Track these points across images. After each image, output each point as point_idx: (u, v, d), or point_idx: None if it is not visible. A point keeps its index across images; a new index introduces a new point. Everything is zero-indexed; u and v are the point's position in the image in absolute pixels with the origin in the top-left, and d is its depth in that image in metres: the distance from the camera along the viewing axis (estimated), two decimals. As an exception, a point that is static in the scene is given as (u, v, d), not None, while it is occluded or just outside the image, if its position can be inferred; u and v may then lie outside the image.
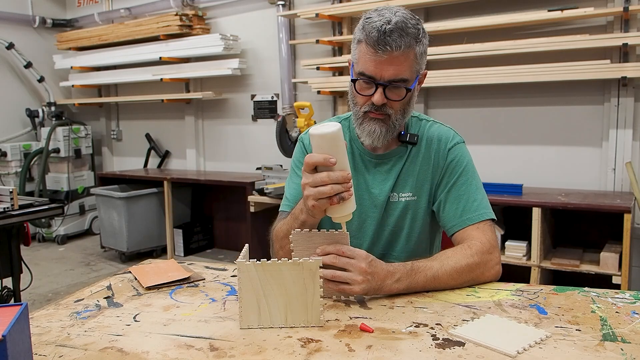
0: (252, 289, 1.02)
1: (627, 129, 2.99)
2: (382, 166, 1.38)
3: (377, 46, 1.18)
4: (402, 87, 1.23)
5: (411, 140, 1.36)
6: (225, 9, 4.57)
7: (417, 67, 1.25)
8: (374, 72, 1.22)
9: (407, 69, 1.22)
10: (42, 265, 4.37)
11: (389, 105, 1.25)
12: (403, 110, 1.29)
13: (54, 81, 5.53)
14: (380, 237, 1.41)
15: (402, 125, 1.33)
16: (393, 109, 1.26)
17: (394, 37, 1.18)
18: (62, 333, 1.02)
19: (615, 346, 0.90)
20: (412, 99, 1.30)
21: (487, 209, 1.33)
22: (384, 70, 1.21)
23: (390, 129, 1.29)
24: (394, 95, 1.24)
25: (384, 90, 1.23)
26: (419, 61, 1.25)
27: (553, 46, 2.94)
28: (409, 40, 1.19)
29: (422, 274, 1.16)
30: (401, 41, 1.18)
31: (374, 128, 1.28)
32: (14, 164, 5.06)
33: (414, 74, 1.25)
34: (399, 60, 1.20)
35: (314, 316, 1.01)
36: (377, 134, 1.28)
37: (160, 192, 4.53)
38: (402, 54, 1.19)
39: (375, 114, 1.27)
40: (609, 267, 2.64)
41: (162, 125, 5.22)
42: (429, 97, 3.61)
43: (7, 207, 2.34)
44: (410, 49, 1.20)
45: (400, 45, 1.18)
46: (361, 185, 1.39)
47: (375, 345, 0.93)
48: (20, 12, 5.32)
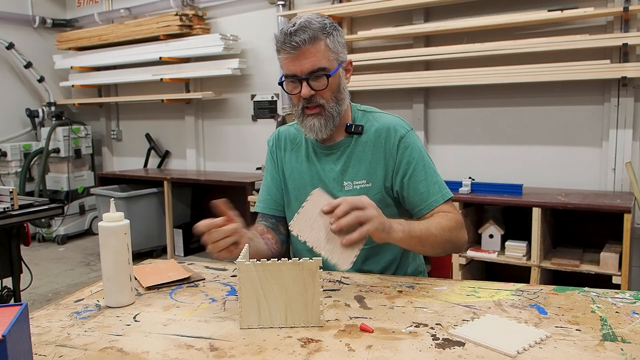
0: (252, 289, 1.02)
1: (627, 129, 2.99)
2: (331, 156, 1.47)
3: (286, 45, 1.31)
4: (323, 75, 1.33)
5: (356, 130, 1.45)
6: (225, 9, 4.57)
7: (335, 56, 1.36)
8: (293, 70, 1.33)
9: (321, 59, 1.33)
10: (42, 265, 4.36)
11: (318, 95, 1.35)
12: (335, 98, 1.38)
13: (54, 81, 5.53)
14: None
15: (340, 113, 1.41)
16: (324, 98, 1.36)
17: (298, 34, 1.30)
18: (62, 333, 1.02)
19: (615, 346, 0.90)
20: (340, 85, 1.39)
21: (446, 189, 1.43)
22: (301, 65, 1.32)
23: (328, 118, 1.38)
24: (318, 84, 1.34)
25: (308, 83, 1.33)
26: (334, 50, 1.35)
27: (553, 46, 2.94)
28: (314, 33, 1.31)
29: (417, 224, 1.26)
30: (305, 35, 1.30)
31: (313, 122, 1.38)
32: (14, 164, 5.06)
33: (333, 62, 1.35)
34: (310, 52, 1.31)
35: (314, 316, 1.01)
36: (316, 127, 1.38)
37: (160, 192, 4.53)
38: (311, 46, 1.31)
39: (310, 109, 1.37)
40: (609, 267, 2.64)
41: (162, 125, 5.22)
42: (429, 97, 3.61)
43: (7, 207, 2.34)
44: (317, 40, 1.32)
45: (304, 39, 1.30)
46: (314, 175, 1.48)
47: (375, 345, 0.93)
48: (20, 12, 5.32)
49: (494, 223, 2.95)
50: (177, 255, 4.56)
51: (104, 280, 1.16)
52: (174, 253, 4.58)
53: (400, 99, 3.68)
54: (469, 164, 3.45)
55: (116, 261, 1.14)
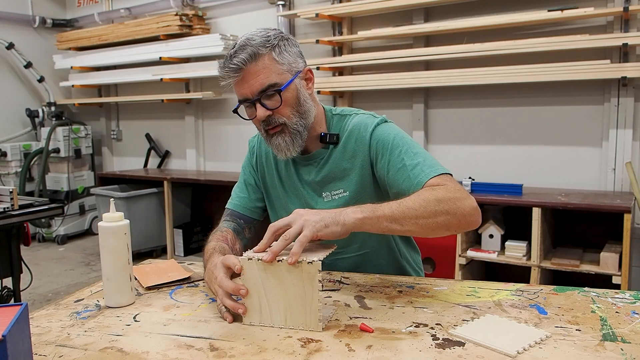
0: (254, 287, 1.03)
1: (627, 129, 2.99)
2: (309, 167, 1.39)
3: (226, 70, 1.23)
4: (275, 92, 1.24)
5: (331, 140, 1.36)
6: (225, 9, 4.57)
7: (286, 68, 1.26)
8: (243, 94, 1.25)
9: (269, 74, 1.23)
10: (42, 265, 4.36)
11: (276, 114, 1.26)
12: (297, 112, 1.28)
13: (54, 81, 5.53)
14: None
15: (307, 126, 1.31)
16: (283, 115, 1.27)
17: (237, 54, 1.22)
18: (62, 333, 1.02)
19: (615, 346, 0.90)
20: (299, 98, 1.28)
21: (436, 166, 1.23)
22: (248, 86, 1.23)
23: (295, 135, 1.28)
24: (271, 103, 1.25)
25: (262, 103, 1.25)
26: (283, 62, 1.25)
27: (553, 46, 2.94)
28: (254, 49, 1.22)
29: (386, 204, 1.10)
30: (244, 54, 1.21)
31: (278, 142, 1.29)
32: (14, 164, 5.06)
33: (284, 74, 1.25)
34: (254, 71, 1.22)
35: (312, 320, 1.00)
36: (282, 146, 1.29)
37: (160, 192, 4.53)
38: (254, 64, 1.22)
39: (272, 129, 1.28)
40: (609, 267, 2.64)
41: (162, 125, 5.22)
42: (429, 97, 3.61)
43: (7, 207, 2.34)
44: (259, 57, 1.22)
45: (244, 59, 1.21)
46: (294, 185, 1.41)
47: (375, 345, 0.93)
48: (20, 12, 5.32)
49: (494, 223, 2.95)
50: (177, 255, 4.56)
51: (104, 280, 1.16)
52: (174, 253, 4.58)
53: (400, 99, 3.68)
54: (469, 164, 3.45)
55: (116, 261, 1.14)
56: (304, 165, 1.40)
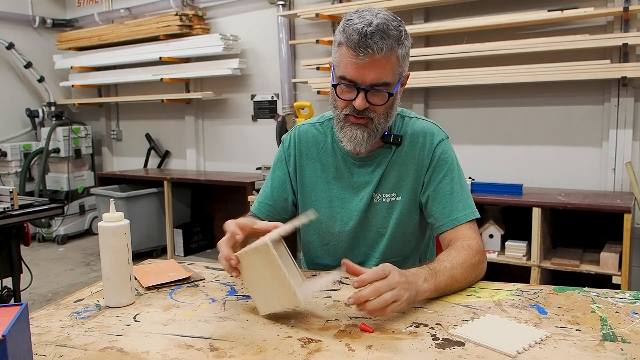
0: (247, 279, 1.09)
1: (627, 129, 2.99)
2: (365, 167, 1.36)
3: (358, 49, 1.15)
4: (384, 92, 1.21)
5: (395, 141, 1.33)
6: (225, 9, 4.57)
7: (400, 70, 1.23)
8: (355, 76, 1.19)
9: (389, 73, 1.20)
10: (42, 265, 4.36)
11: (371, 109, 1.23)
12: (386, 114, 1.26)
13: (54, 81, 5.53)
14: (363, 238, 1.39)
15: (385, 129, 1.30)
16: (375, 112, 1.24)
17: (375, 40, 1.14)
18: (62, 333, 1.02)
19: (615, 346, 0.90)
20: (394, 102, 1.28)
21: (473, 208, 1.32)
22: (366, 74, 1.18)
23: (373, 133, 1.26)
24: (376, 99, 1.22)
25: (366, 95, 1.20)
26: (402, 64, 1.23)
27: (553, 46, 2.94)
28: (391, 43, 1.16)
29: (441, 273, 1.12)
30: (383, 44, 1.15)
31: (355, 134, 1.25)
32: (14, 164, 5.06)
33: (397, 77, 1.23)
34: (380, 63, 1.17)
35: (290, 298, 1.00)
36: (358, 139, 1.25)
37: (160, 192, 4.53)
38: (384, 57, 1.17)
39: (357, 119, 1.24)
40: (609, 267, 2.64)
41: (162, 125, 5.22)
42: (429, 97, 3.61)
43: (7, 207, 2.34)
44: (392, 52, 1.18)
45: (382, 48, 1.15)
46: (344, 187, 1.38)
47: (375, 345, 0.93)
48: (20, 12, 5.32)
49: (494, 223, 2.95)
50: (177, 255, 4.56)
51: (104, 280, 1.16)
52: (174, 253, 4.58)
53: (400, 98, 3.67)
54: (469, 164, 3.43)
55: (116, 261, 1.14)
56: (359, 167, 1.36)
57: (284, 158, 1.45)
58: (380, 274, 1.00)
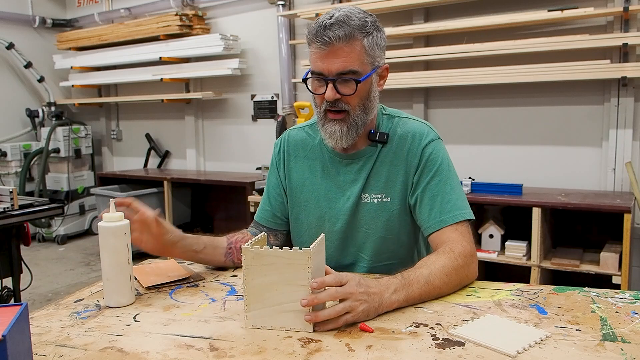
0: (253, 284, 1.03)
1: (627, 129, 2.99)
2: (352, 166, 1.36)
3: (317, 38, 1.18)
4: (352, 80, 1.21)
5: (381, 139, 1.33)
6: (225, 9, 4.57)
7: (370, 60, 1.23)
8: (321, 68, 1.21)
9: (354, 61, 1.20)
10: (42, 265, 4.36)
11: (344, 100, 1.23)
12: (363, 106, 1.26)
13: (54, 81, 5.53)
14: (352, 239, 1.38)
15: (365, 122, 1.29)
16: (350, 104, 1.24)
17: (333, 29, 1.17)
18: (62, 333, 1.02)
19: (615, 346, 0.90)
20: (370, 93, 1.27)
21: (463, 209, 1.29)
22: (330, 63, 1.19)
23: (352, 127, 1.26)
24: (346, 88, 1.22)
25: (335, 85, 1.21)
26: (371, 53, 1.22)
27: (553, 46, 2.94)
28: (351, 31, 1.18)
29: (415, 281, 1.10)
30: (340, 31, 1.17)
31: (334, 129, 1.26)
32: (14, 164, 5.06)
33: (366, 66, 1.22)
34: (343, 51, 1.19)
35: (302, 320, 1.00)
36: (337, 134, 1.26)
37: (160, 192, 4.52)
38: (346, 45, 1.18)
39: (333, 113, 1.25)
40: (609, 267, 2.64)
41: (162, 125, 5.23)
42: (429, 97, 3.61)
43: (7, 207, 2.34)
44: (353, 40, 1.19)
45: (338, 36, 1.17)
46: (331, 186, 1.38)
47: (375, 345, 0.93)
48: (20, 12, 5.33)
49: (494, 223, 2.95)
50: (177, 255, 4.55)
51: (104, 280, 1.16)
52: (174, 253, 4.57)
53: (400, 99, 3.68)
54: (469, 164, 3.45)
55: (116, 261, 1.14)
56: (346, 165, 1.36)
57: (275, 163, 1.47)
58: (337, 281, 1.01)
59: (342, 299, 1.01)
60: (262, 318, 1.01)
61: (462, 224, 1.28)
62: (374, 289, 1.04)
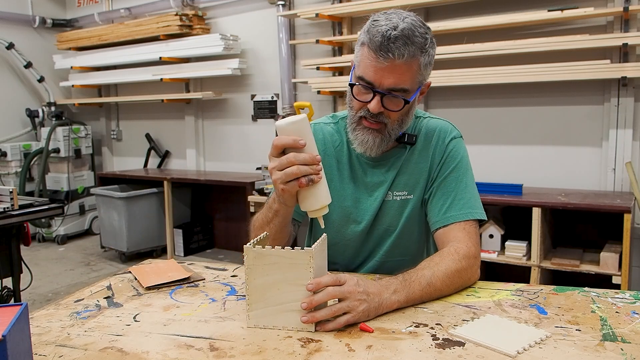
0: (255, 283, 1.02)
1: (627, 129, 2.99)
2: (379, 168, 1.35)
3: (379, 52, 1.13)
4: (401, 98, 1.18)
5: (409, 140, 1.31)
6: (225, 9, 4.57)
7: (420, 78, 1.20)
8: (373, 79, 1.16)
9: (408, 79, 1.17)
10: (42, 265, 4.36)
11: (385, 114, 1.20)
12: (401, 121, 1.24)
13: (54, 81, 5.53)
14: (373, 236, 1.39)
15: (398, 135, 1.28)
16: (390, 118, 1.21)
17: (397, 45, 1.12)
18: (62, 333, 1.02)
19: (615, 346, 0.90)
20: (411, 110, 1.25)
21: (474, 208, 1.28)
22: (384, 77, 1.15)
23: (385, 138, 1.25)
24: (392, 105, 1.19)
25: (382, 99, 1.18)
26: (423, 72, 1.19)
27: (553, 46, 2.94)
28: (414, 50, 1.13)
29: (417, 282, 1.10)
30: (405, 50, 1.12)
31: (367, 138, 1.23)
32: (14, 164, 5.06)
33: (416, 84, 1.20)
34: (400, 69, 1.14)
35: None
36: (369, 144, 1.24)
37: (160, 192, 4.53)
38: (405, 63, 1.14)
39: (370, 123, 1.22)
40: (609, 267, 2.64)
41: (162, 125, 5.23)
42: (429, 97, 3.61)
43: (7, 207, 2.34)
44: (413, 59, 1.15)
45: (403, 54, 1.12)
46: (359, 187, 1.37)
47: (375, 345, 0.93)
48: (20, 12, 5.32)
49: (494, 223, 2.95)
50: (177, 255, 4.56)
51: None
52: (174, 253, 4.58)
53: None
54: (469, 164, 3.44)
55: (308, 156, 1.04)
56: (373, 167, 1.35)
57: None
58: (335, 281, 1.01)
59: (341, 298, 1.01)
60: (264, 318, 1.01)
61: (471, 223, 1.27)
62: (372, 289, 1.04)
